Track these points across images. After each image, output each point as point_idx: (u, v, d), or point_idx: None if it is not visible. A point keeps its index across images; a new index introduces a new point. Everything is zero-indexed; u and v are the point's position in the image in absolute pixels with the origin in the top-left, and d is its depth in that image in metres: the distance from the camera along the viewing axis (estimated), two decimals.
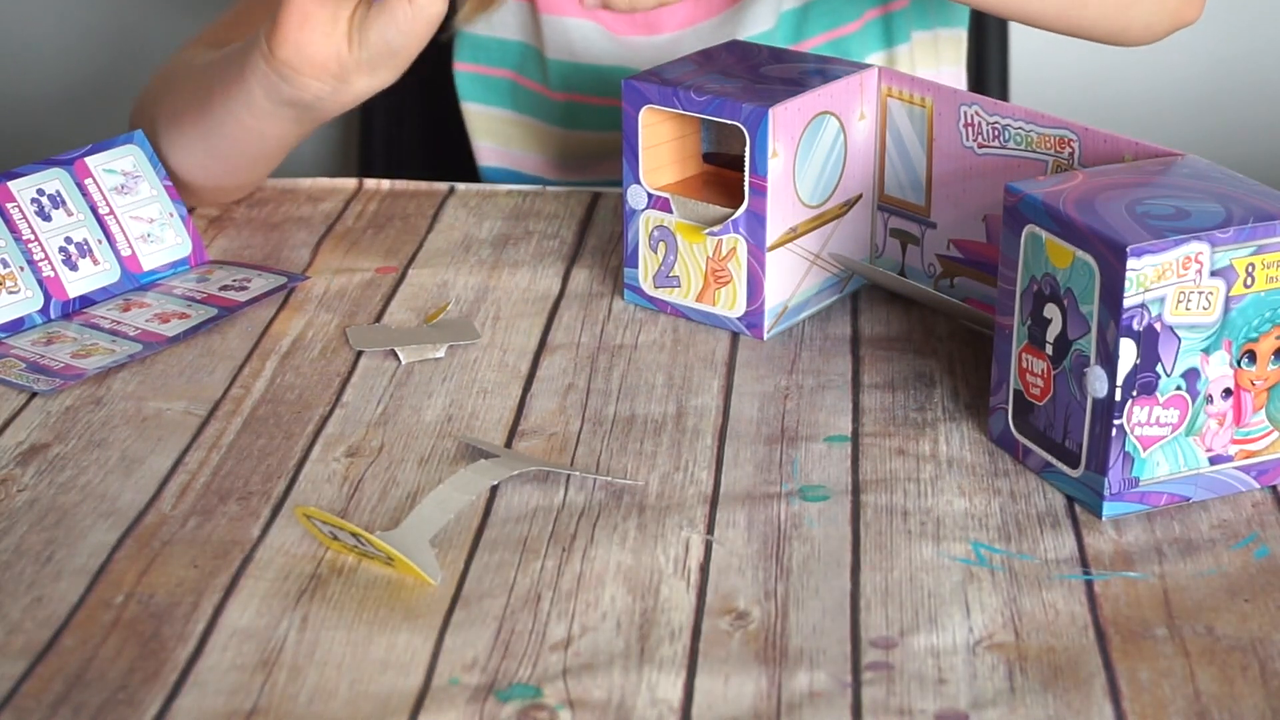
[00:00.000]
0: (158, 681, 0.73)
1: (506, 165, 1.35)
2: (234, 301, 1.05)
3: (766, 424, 0.92)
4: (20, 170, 1.06)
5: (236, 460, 0.89)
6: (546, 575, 0.79)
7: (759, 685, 0.72)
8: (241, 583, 0.79)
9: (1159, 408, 0.82)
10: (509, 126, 1.34)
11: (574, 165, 1.34)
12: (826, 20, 1.28)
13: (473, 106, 1.34)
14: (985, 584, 0.79)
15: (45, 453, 0.90)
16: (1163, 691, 0.72)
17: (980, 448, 0.90)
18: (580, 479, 0.87)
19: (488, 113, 1.34)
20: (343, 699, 0.72)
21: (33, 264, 1.04)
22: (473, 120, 1.34)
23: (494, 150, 1.35)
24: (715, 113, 0.98)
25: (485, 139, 1.34)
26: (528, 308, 1.05)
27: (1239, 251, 0.81)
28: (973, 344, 1.00)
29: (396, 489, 0.87)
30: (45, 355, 0.99)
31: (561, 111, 1.31)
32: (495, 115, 1.34)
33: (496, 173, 1.35)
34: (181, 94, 1.15)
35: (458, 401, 0.95)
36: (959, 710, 0.71)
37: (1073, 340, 0.83)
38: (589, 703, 0.71)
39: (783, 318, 1.02)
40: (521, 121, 1.33)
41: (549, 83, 1.29)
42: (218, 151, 1.13)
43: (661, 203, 1.02)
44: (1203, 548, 0.81)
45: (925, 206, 1.03)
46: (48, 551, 0.82)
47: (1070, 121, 0.94)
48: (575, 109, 1.30)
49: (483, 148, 1.35)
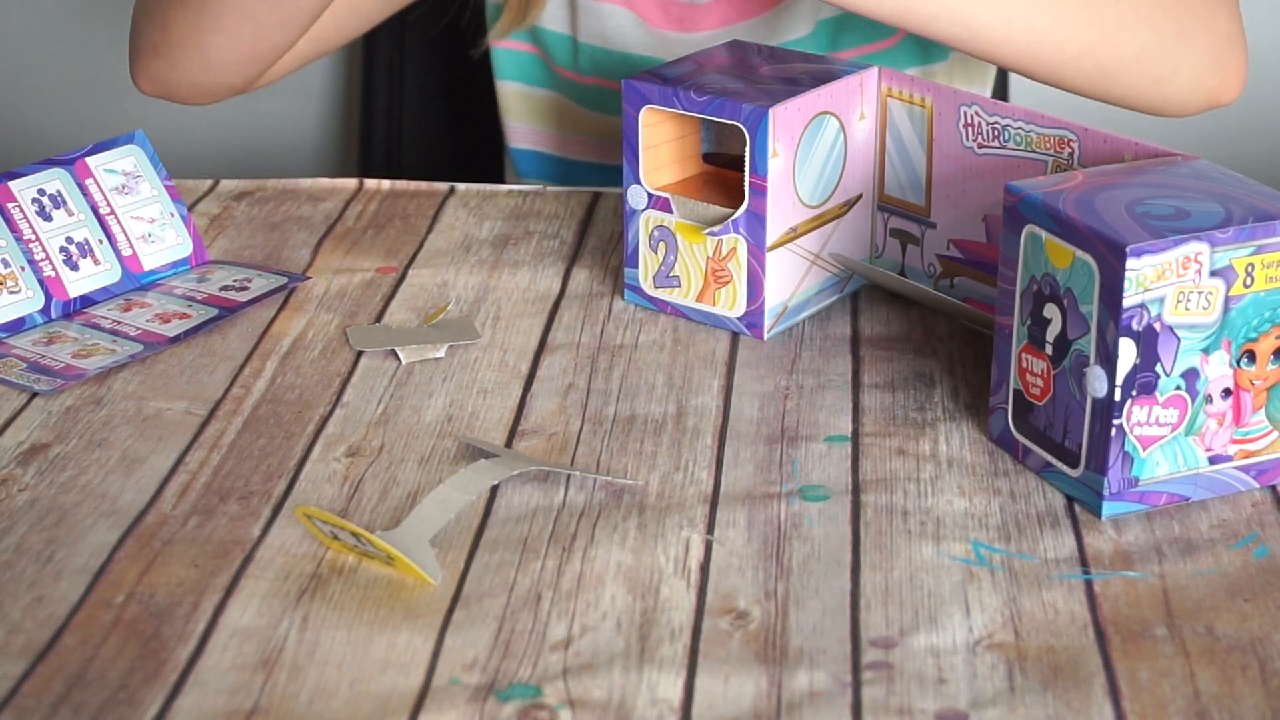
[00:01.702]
0: (158, 681, 0.73)
1: (537, 146, 1.35)
2: (234, 302, 1.05)
3: (766, 424, 0.92)
4: (21, 170, 1.06)
5: (237, 460, 0.89)
6: (547, 575, 0.79)
7: (759, 685, 0.72)
8: (242, 582, 0.79)
9: (1158, 407, 0.82)
10: (542, 105, 1.33)
11: (601, 146, 1.33)
12: (863, 34, 1.27)
13: (509, 85, 1.33)
14: (985, 584, 0.79)
15: (46, 452, 0.90)
16: (1162, 691, 0.72)
17: (980, 448, 0.90)
18: (580, 479, 0.87)
19: (522, 90, 1.33)
20: (343, 699, 0.72)
21: (33, 264, 1.04)
22: (507, 99, 1.34)
23: (525, 130, 1.35)
24: (715, 113, 0.98)
25: (517, 119, 1.34)
26: (528, 308, 1.05)
27: (1239, 251, 0.81)
28: (973, 344, 1.00)
29: (397, 489, 0.87)
30: (46, 355, 0.99)
31: (590, 95, 1.31)
32: (529, 94, 1.33)
33: (526, 154, 1.35)
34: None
35: (458, 401, 0.95)
36: (959, 710, 0.71)
37: (1072, 340, 0.83)
38: (589, 702, 0.71)
39: (783, 318, 1.02)
40: (553, 99, 1.33)
41: (579, 68, 1.29)
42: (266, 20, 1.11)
43: (661, 203, 1.02)
44: (1202, 547, 0.81)
45: (925, 206, 1.03)
46: (48, 551, 0.82)
47: (1070, 121, 0.94)
48: (602, 94, 1.30)
49: (514, 128, 1.35)
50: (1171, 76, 1.06)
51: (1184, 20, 1.06)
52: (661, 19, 1.27)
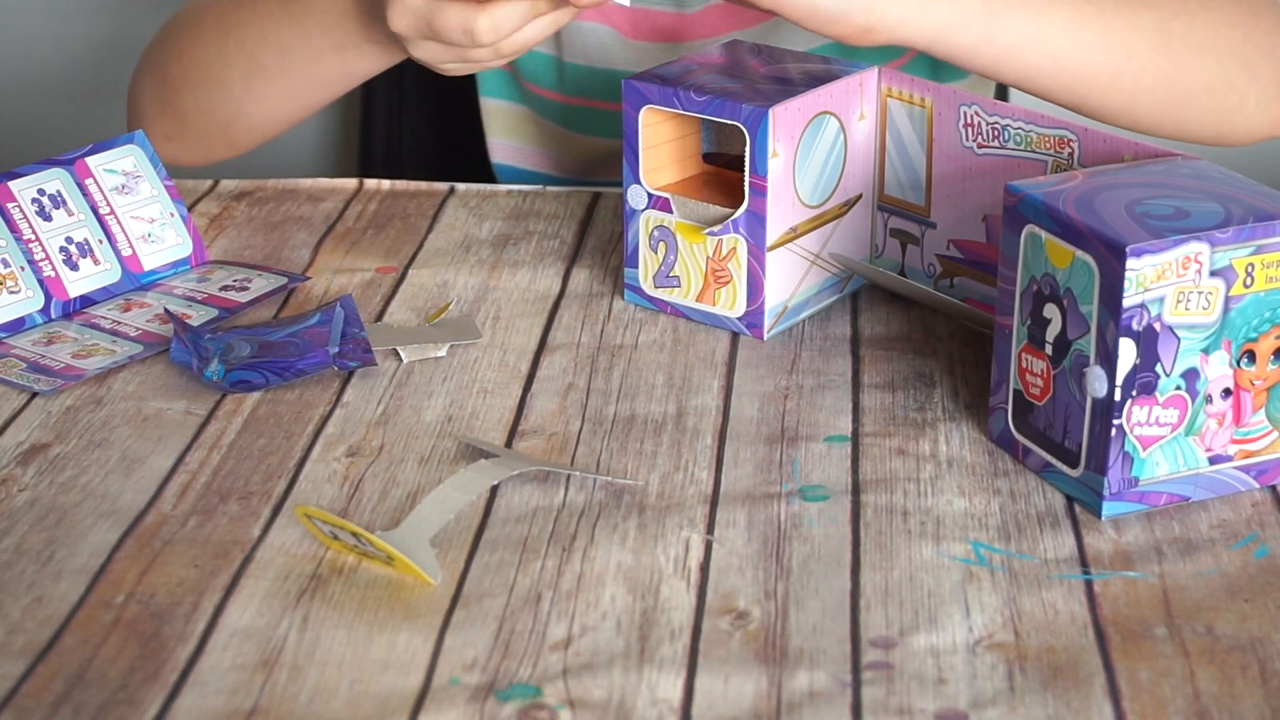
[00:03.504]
0: (158, 681, 0.73)
1: (519, 162, 1.35)
2: (235, 302, 1.05)
3: (766, 424, 0.92)
4: (21, 170, 1.06)
5: (237, 460, 0.89)
6: (546, 575, 0.79)
7: (759, 685, 0.72)
8: (242, 582, 0.79)
9: (1158, 407, 0.82)
10: (524, 123, 1.33)
11: (584, 167, 1.33)
12: (877, 54, 1.25)
13: (491, 102, 1.33)
14: (985, 584, 0.79)
15: (46, 452, 0.90)
16: (1162, 691, 0.72)
17: (980, 448, 0.90)
18: (580, 479, 0.87)
19: (505, 108, 1.33)
20: (343, 699, 0.72)
21: (33, 264, 1.04)
22: (490, 116, 1.34)
23: (507, 147, 1.35)
24: (715, 113, 0.98)
25: (500, 135, 1.34)
26: (528, 308, 1.05)
27: (1238, 251, 0.81)
28: (973, 344, 1.00)
29: (396, 489, 0.87)
30: (46, 355, 0.99)
31: (574, 115, 1.30)
32: (512, 111, 1.33)
33: (508, 170, 1.35)
34: (213, 45, 1.16)
35: (458, 401, 0.95)
36: (959, 710, 0.71)
37: (1072, 340, 0.83)
38: (589, 703, 0.71)
39: (783, 318, 1.02)
40: (536, 119, 1.33)
41: (564, 87, 1.29)
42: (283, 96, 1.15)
43: (661, 203, 1.02)
44: (1202, 547, 0.81)
45: (925, 206, 1.03)
46: (48, 551, 0.82)
47: (1070, 121, 0.94)
48: (587, 114, 1.30)
49: (496, 144, 1.35)
50: (1239, 106, 1.08)
51: (1247, 50, 1.07)
52: (649, 31, 1.27)
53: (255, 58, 1.13)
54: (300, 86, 1.15)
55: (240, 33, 1.14)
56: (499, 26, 0.98)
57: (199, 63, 1.16)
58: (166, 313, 1.02)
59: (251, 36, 1.14)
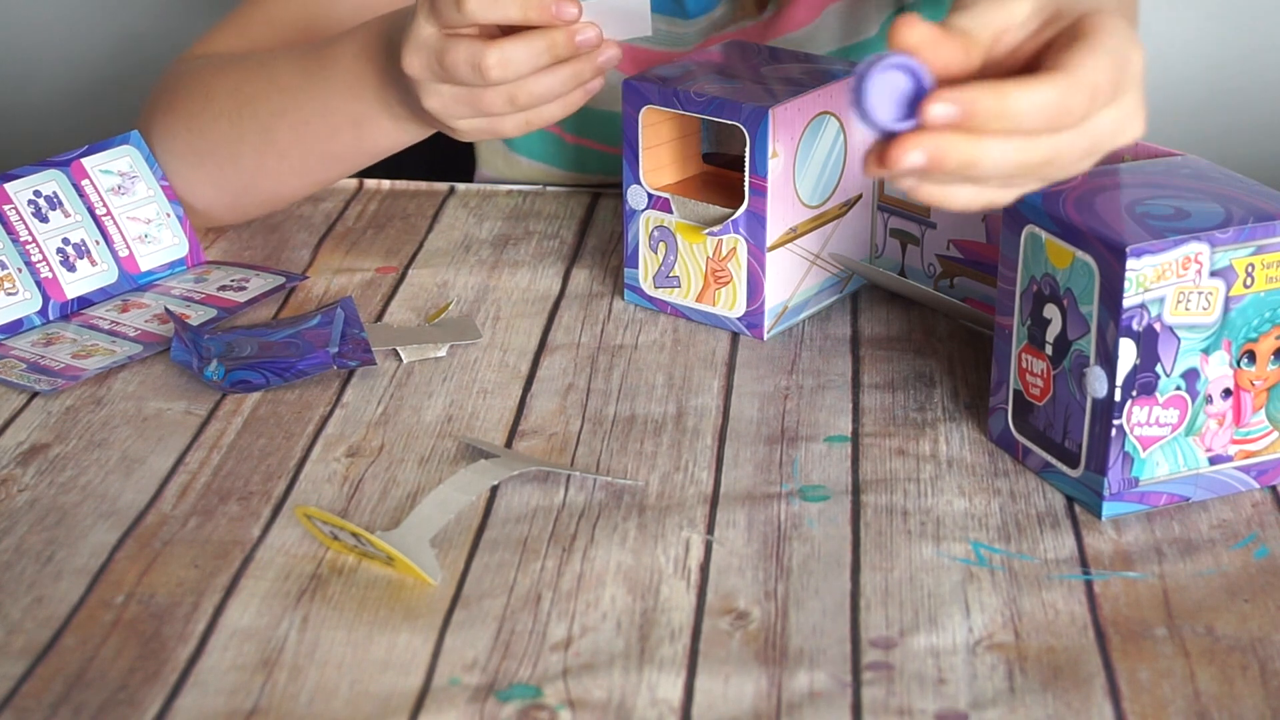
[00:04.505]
0: (158, 681, 0.73)
1: None
2: (233, 302, 1.05)
3: (766, 424, 0.92)
4: (17, 172, 1.06)
5: (237, 460, 0.89)
6: (546, 575, 0.79)
7: (759, 685, 0.72)
8: (242, 583, 0.79)
9: (1159, 408, 0.82)
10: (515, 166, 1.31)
11: None
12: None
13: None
14: (985, 584, 0.79)
15: (46, 453, 0.90)
16: (1162, 691, 0.72)
17: (980, 448, 0.90)
18: (580, 479, 0.87)
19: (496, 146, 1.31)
20: (343, 699, 0.72)
21: (30, 265, 1.04)
22: (481, 149, 1.31)
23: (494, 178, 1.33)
24: (715, 113, 0.98)
25: (490, 170, 1.32)
26: (528, 308, 1.05)
27: (1239, 252, 0.81)
28: (973, 344, 1.00)
29: (396, 489, 0.87)
30: (45, 356, 0.99)
31: (572, 155, 1.29)
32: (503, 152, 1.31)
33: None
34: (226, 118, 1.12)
35: (458, 401, 0.95)
36: (959, 710, 0.71)
37: (1072, 340, 0.83)
38: (589, 703, 0.71)
39: (783, 318, 1.02)
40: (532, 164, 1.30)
41: (564, 125, 1.26)
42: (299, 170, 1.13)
43: (661, 203, 1.02)
44: (1202, 548, 0.81)
45: (925, 207, 1.03)
46: (48, 551, 0.82)
47: None
48: (585, 154, 1.28)
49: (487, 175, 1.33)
50: None
51: None
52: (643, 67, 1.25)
53: (269, 132, 1.10)
54: (314, 163, 1.11)
55: (255, 106, 1.10)
56: (508, 61, 0.94)
57: (208, 135, 1.12)
58: (167, 312, 1.02)
59: (267, 110, 1.10)
